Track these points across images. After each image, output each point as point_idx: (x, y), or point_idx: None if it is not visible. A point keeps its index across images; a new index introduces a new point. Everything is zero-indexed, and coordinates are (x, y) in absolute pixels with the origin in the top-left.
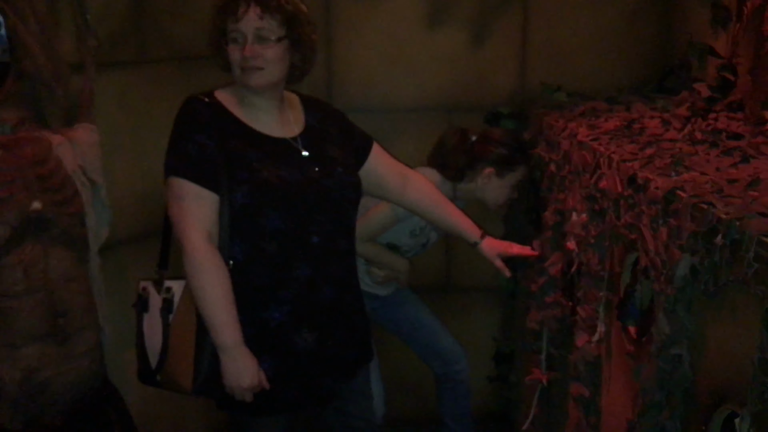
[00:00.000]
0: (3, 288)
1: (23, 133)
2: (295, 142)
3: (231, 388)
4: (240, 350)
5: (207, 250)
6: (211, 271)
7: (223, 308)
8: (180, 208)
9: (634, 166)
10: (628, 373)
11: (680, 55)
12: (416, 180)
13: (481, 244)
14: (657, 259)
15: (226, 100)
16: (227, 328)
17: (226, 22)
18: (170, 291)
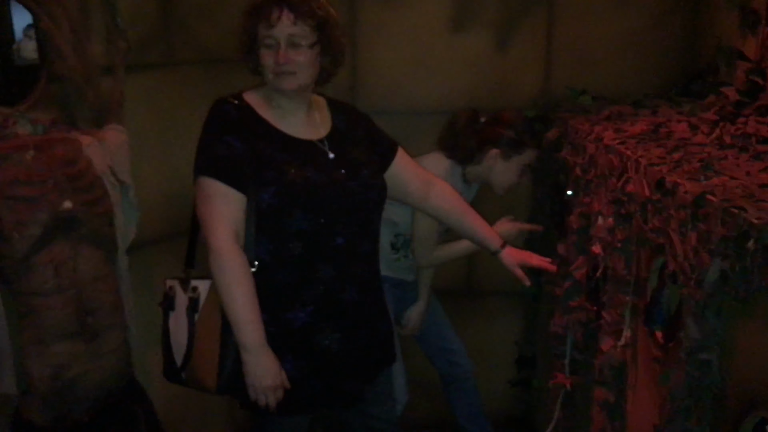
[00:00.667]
0: (34, 286)
1: (54, 134)
2: (322, 144)
3: (253, 387)
4: (262, 350)
5: (232, 249)
6: (236, 270)
7: (247, 307)
8: (208, 207)
9: (663, 170)
10: (654, 378)
11: (707, 59)
12: (440, 187)
13: (502, 253)
14: (686, 263)
15: (254, 103)
16: (251, 327)
17: (258, 27)
18: (196, 290)
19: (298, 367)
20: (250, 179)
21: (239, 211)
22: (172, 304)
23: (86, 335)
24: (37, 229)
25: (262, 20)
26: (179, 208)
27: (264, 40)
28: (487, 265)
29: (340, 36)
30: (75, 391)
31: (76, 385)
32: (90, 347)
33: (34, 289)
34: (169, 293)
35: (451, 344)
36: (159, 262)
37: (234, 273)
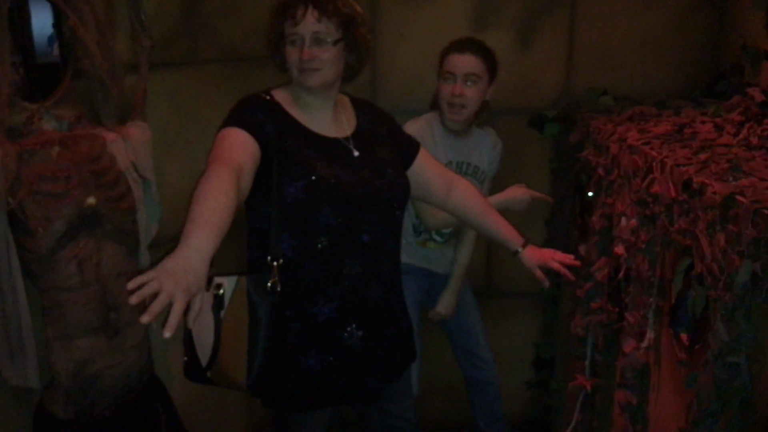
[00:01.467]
0: (58, 281)
1: (79, 131)
2: (347, 143)
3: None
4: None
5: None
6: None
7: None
8: (219, 143)
9: (689, 171)
10: (678, 381)
11: (731, 59)
12: (461, 186)
13: (522, 253)
14: (714, 265)
15: (282, 100)
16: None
17: (284, 24)
18: (221, 287)
19: (321, 361)
20: (280, 175)
21: (247, 155)
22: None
23: (109, 331)
24: (62, 224)
25: (288, 18)
26: None
27: (289, 37)
28: (505, 266)
29: (365, 33)
30: (98, 386)
31: (99, 379)
32: (113, 343)
33: (58, 284)
34: None
35: (480, 349)
36: None
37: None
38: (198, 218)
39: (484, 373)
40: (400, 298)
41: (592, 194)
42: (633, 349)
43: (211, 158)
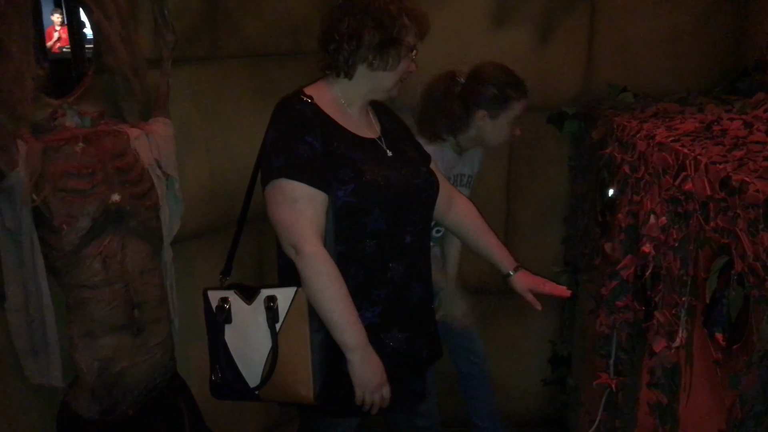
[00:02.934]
0: (82, 279)
1: (103, 127)
2: (381, 143)
3: (362, 387)
4: (368, 349)
5: (324, 253)
6: (332, 273)
7: (348, 309)
8: (293, 211)
9: (726, 169)
10: (713, 381)
11: (754, 56)
12: (462, 202)
13: (513, 277)
14: (757, 264)
15: (320, 101)
16: (355, 328)
17: (410, 35)
18: (274, 301)
19: None
20: (329, 179)
21: (323, 213)
22: (229, 316)
23: (133, 329)
24: (87, 221)
25: (422, 37)
26: (219, 204)
27: (414, 51)
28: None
29: None
30: (122, 385)
31: (124, 378)
32: (137, 341)
33: (82, 282)
34: (223, 305)
35: (474, 345)
36: (198, 257)
37: (331, 277)
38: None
39: (479, 367)
40: (432, 296)
41: (615, 192)
42: (663, 348)
43: (299, 233)
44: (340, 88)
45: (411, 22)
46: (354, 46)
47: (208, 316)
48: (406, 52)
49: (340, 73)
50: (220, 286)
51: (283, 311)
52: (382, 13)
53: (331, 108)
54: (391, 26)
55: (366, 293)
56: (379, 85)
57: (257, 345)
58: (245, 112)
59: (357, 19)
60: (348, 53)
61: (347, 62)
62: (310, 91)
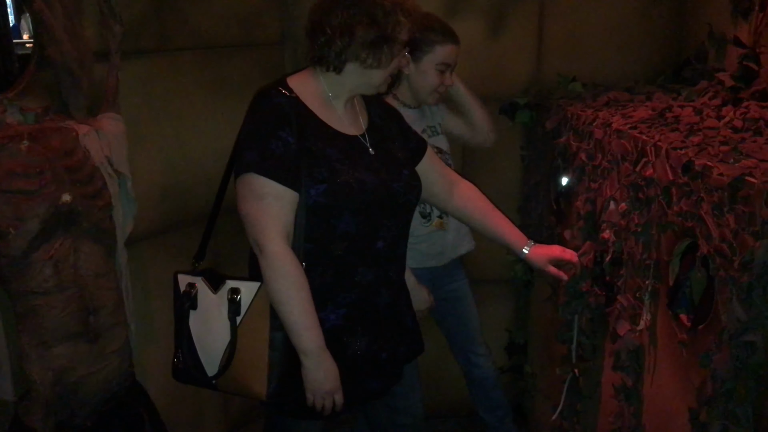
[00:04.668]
0: (33, 285)
1: (48, 123)
2: (364, 140)
3: (314, 391)
4: (324, 354)
5: (288, 253)
6: (293, 274)
7: (306, 312)
8: (260, 207)
9: (688, 154)
10: (678, 361)
11: (695, 45)
12: (463, 187)
13: (529, 254)
14: (723, 246)
15: (302, 94)
16: (312, 332)
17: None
18: (237, 293)
19: None
20: (302, 177)
21: (292, 212)
22: (195, 303)
23: (89, 335)
24: (36, 224)
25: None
26: (172, 202)
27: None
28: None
29: None
30: (78, 395)
31: (80, 388)
32: (93, 348)
33: (33, 288)
34: (189, 291)
35: (476, 345)
36: (152, 258)
37: (292, 278)
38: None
39: (480, 367)
40: (407, 298)
41: (571, 180)
42: (627, 331)
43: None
44: (327, 81)
45: (405, 18)
46: (346, 41)
47: (176, 299)
48: (399, 49)
49: (329, 67)
50: (191, 271)
51: (246, 305)
52: (376, 8)
53: (314, 101)
54: (385, 23)
55: (331, 295)
56: (368, 81)
57: (218, 335)
58: (197, 106)
59: (350, 12)
60: (339, 48)
61: (338, 57)
62: (293, 82)
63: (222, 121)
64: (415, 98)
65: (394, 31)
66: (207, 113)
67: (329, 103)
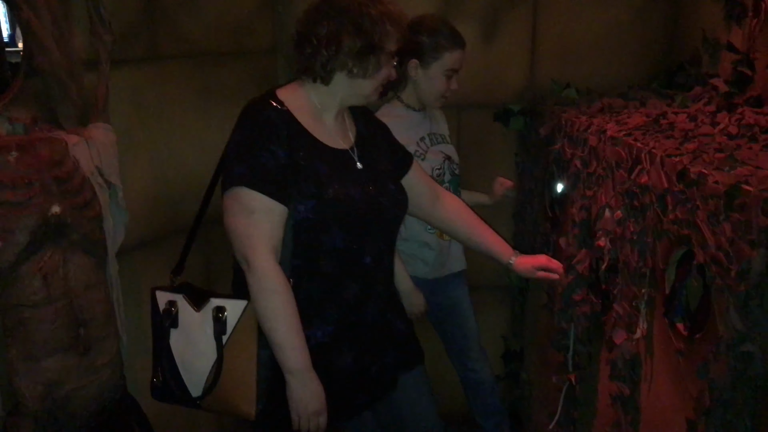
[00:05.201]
0: (22, 298)
1: (37, 134)
2: (353, 153)
3: (298, 412)
4: (309, 374)
5: (276, 269)
6: (280, 292)
7: (294, 331)
8: (248, 221)
9: (683, 161)
10: (675, 371)
11: (689, 50)
12: (447, 199)
13: (515, 264)
14: (720, 254)
15: (292, 106)
16: (298, 351)
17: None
18: (223, 311)
19: None
20: (291, 191)
21: (281, 227)
22: (176, 321)
23: (79, 348)
24: (25, 236)
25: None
26: (164, 212)
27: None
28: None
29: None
30: (68, 409)
31: (70, 402)
32: (84, 361)
33: (22, 301)
34: (170, 309)
35: (473, 352)
36: (143, 268)
37: (279, 295)
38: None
39: (477, 373)
40: (397, 310)
41: (565, 187)
42: (624, 340)
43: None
44: (316, 93)
45: (393, 27)
46: (332, 51)
47: (154, 317)
48: (387, 59)
49: (316, 78)
50: (169, 286)
51: (232, 324)
52: (363, 17)
53: (303, 114)
54: (372, 32)
55: (318, 311)
56: (357, 91)
57: (202, 354)
58: (188, 115)
59: (336, 22)
60: (326, 59)
61: (324, 68)
62: (282, 94)
63: (214, 129)
64: (420, 102)
65: (381, 40)
66: (198, 122)
67: (319, 116)
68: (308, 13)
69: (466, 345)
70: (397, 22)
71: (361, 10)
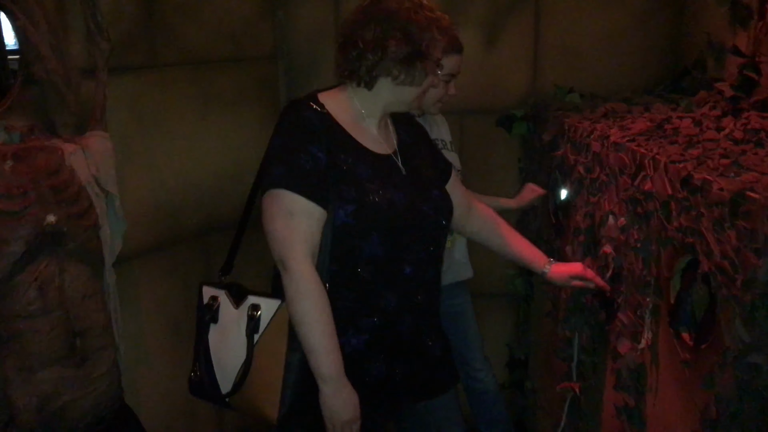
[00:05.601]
0: (17, 308)
1: (34, 142)
2: (396, 159)
3: (331, 420)
4: (342, 381)
5: (313, 273)
6: (317, 296)
7: (328, 336)
8: (287, 224)
9: (687, 167)
10: (681, 381)
11: (693, 54)
12: (480, 208)
13: (550, 272)
14: (725, 263)
15: (333, 110)
16: (332, 357)
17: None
18: (258, 309)
19: None
20: (331, 195)
21: (319, 230)
22: (216, 316)
23: (75, 359)
24: (20, 245)
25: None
26: (163, 219)
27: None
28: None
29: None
30: (64, 421)
31: (66, 414)
32: (80, 372)
33: (17, 312)
34: (211, 304)
35: (476, 361)
36: (144, 277)
37: (315, 299)
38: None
39: (481, 381)
40: (433, 325)
41: (569, 193)
42: (629, 349)
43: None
44: (359, 97)
45: (440, 35)
46: (378, 56)
47: (199, 311)
48: (432, 67)
49: (360, 82)
50: (217, 283)
51: (264, 323)
52: (411, 23)
53: (345, 118)
54: (419, 39)
55: (354, 319)
56: (400, 98)
57: (234, 351)
58: (187, 122)
59: (383, 27)
60: (371, 63)
61: (369, 73)
62: (324, 98)
63: (213, 136)
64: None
65: (428, 47)
66: (198, 129)
67: (361, 121)
68: (355, 15)
69: (469, 354)
70: (445, 30)
71: (409, 15)
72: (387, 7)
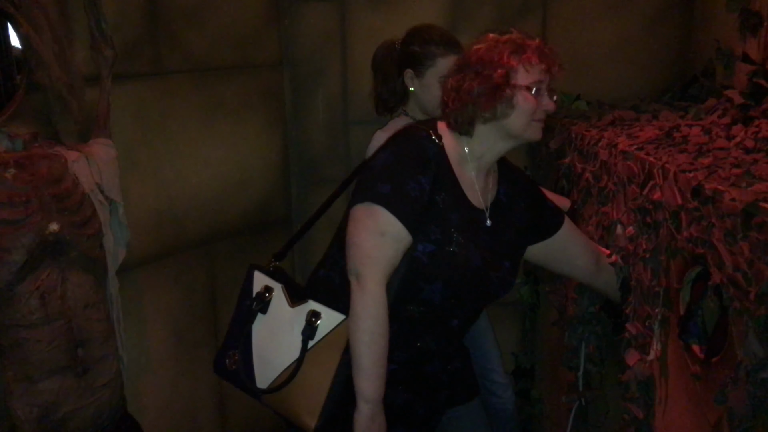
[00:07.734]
0: (18, 317)
1: (37, 150)
2: (485, 214)
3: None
4: (381, 407)
5: (384, 297)
6: (383, 321)
7: (382, 361)
8: (377, 242)
9: (698, 177)
10: (690, 394)
11: (702, 62)
12: (605, 258)
13: None
14: (737, 275)
15: (447, 144)
16: (379, 382)
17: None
18: (318, 317)
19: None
20: (420, 227)
21: (400, 257)
22: (266, 307)
23: (77, 369)
24: (21, 254)
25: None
26: (167, 228)
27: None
28: None
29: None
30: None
31: (67, 424)
32: (81, 382)
33: (18, 321)
34: (265, 294)
35: (495, 375)
36: (147, 285)
37: (380, 323)
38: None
39: (500, 397)
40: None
41: (576, 202)
42: (637, 361)
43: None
44: (465, 142)
45: (518, 61)
46: (459, 104)
47: (244, 295)
48: (518, 92)
49: (460, 132)
50: (270, 271)
51: (322, 333)
52: (483, 63)
53: (454, 156)
54: (490, 74)
55: (389, 349)
56: (505, 133)
57: (282, 350)
58: (192, 130)
59: (462, 74)
60: (457, 113)
61: (457, 122)
62: (443, 129)
63: (218, 144)
64: (423, 113)
65: (503, 79)
66: (202, 136)
67: (465, 164)
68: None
69: (487, 367)
70: (525, 53)
71: (481, 55)
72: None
